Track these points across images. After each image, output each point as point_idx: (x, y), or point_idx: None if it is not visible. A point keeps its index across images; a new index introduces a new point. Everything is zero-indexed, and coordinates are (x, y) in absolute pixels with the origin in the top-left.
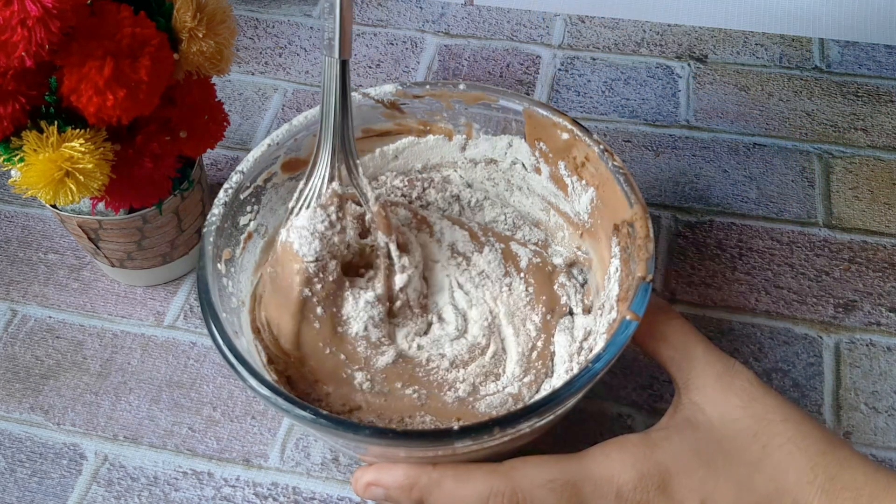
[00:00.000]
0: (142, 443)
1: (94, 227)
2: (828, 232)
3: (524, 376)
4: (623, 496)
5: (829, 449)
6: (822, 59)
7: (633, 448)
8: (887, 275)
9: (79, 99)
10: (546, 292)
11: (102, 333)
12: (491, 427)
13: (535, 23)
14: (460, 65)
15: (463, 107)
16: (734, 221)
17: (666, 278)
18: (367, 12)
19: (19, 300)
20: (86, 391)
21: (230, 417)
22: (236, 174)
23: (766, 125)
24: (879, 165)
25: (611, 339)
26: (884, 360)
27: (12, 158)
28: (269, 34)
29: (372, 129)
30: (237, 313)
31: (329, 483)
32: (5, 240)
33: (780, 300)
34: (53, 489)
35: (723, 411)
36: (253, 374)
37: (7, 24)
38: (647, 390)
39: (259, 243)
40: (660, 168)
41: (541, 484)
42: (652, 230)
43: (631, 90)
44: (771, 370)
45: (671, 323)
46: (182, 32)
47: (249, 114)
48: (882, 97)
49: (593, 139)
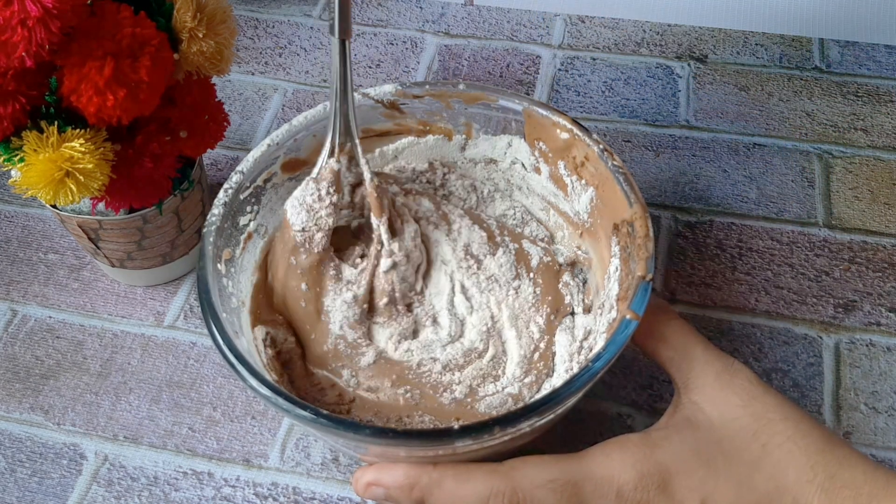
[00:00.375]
0: (142, 443)
1: (94, 227)
2: (828, 232)
3: (525, 377)
4: (623, 496)
5: (829, 447)
6: (822, 59)
7: (633, 448)
8: (887, 275)
9: (79, 99)
10: (552, 292)
11: (102, 333)
12: (491, 426)
13: (535, 23)
14: (460, 65)
15: (462, 107)
16: (734, 221)
17: (666, 278)
18: (367, 12)
19: (19, 300)
20: (86, 391)
21: (230, 417)
22: (236, 174)
23: (766, 125)
24: (879, 165)
25: (611, 339)
26: (884, 360)
27: (12, 158)
28: (269, 34)
29: (371, 129)
30: (237, 313)
31: (329, 483)
32: (5, 240)
33: (780, 300)
34: (53, 489)
35: (722, 410)
36: (253, 374)
37: (7, 24)
38: (647, 390)
39: (259, 243)
40: (660, 168)
41: (541, 484)
42: (652, 229)
43: (631, 90)
44: (771, 370)
45: (670, 323)
46: (182, 32)
47: (249, 114)
48: (882, 97)
49: (593, 139)
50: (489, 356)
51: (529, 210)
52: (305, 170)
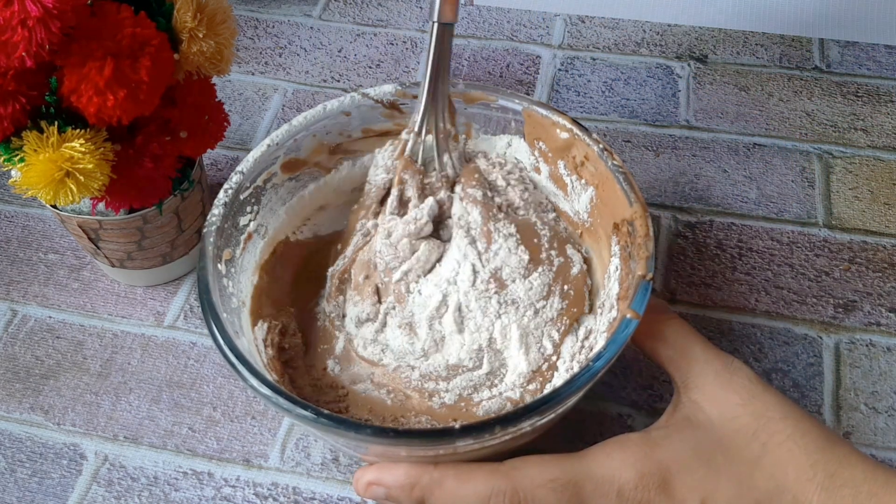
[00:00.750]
0: (142, 443)
1: (95, 228)
2: (828, 232)
3: (528, 384)
4: (624, 495)
5: (829, 446)
6: (822, 59)
7: (633, 447)
8: (887, 275)
9: (79, 99)
10: (578, 303)
11: (102, 333)
12: (492, 426)
13: (535, 23)
14: (460, 65)
15: (462, 106)
16: (734, 221)
17: (666, 278)
18: (367, 12)
19: (19, 300)
20: (86, 391)
21: (230, 417)
22: (236, 174)
23: (766, 125)
24: (879, 165)
25: (611, 338)
26: (884, 361)
27: (12, 158)
28: (269, 34)
29: (371, 130)
30: (237, 313)
31: (329, 483)
32: (5, 240)
33: (780, 300)
34: (53, 489)
35: (722, 409)
36: (254, 374)
37: (7, 25)
38: (647, 390)
39: (259, 243)
40: (660, 168)
41: (542, 483)
42: (652, 229)
43: (631, 90)
44: (771, 370)
45: (669, 322)
46: (182, 32)
47: (249, 114)
48: (882, 97)
49: (593, 138)
50: (483, 371)
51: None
52: (305, 170)
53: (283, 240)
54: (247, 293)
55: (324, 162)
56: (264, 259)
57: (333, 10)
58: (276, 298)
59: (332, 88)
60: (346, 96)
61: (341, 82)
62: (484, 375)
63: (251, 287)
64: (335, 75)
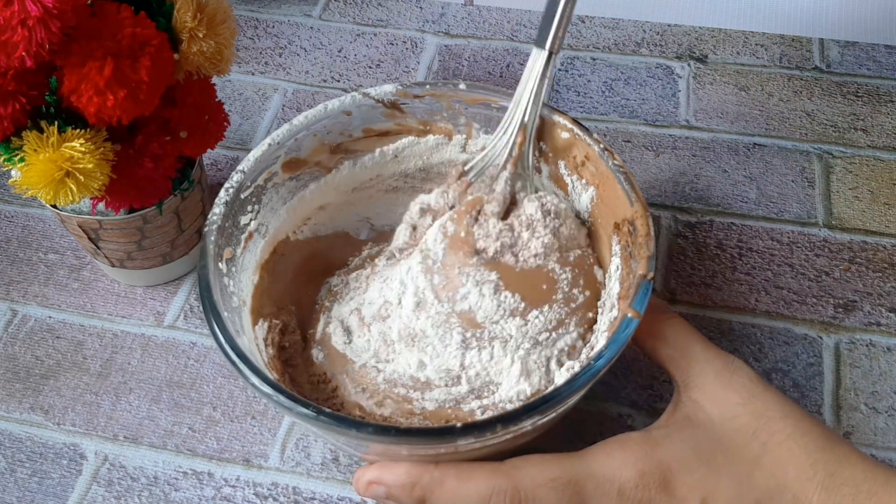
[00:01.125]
0: (142, 443)
1: (94, 227)
2: (828, 232)
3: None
4: (625, 494)
5: (829, 445)
6: (822, 59)
7: (634, 446)
8: (887, 275)
9: (79, 99)
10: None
11: (102, 333)
12: (494, 424)
13: (535, 23)
14: (460, 65)
15: (463, 106)
16: (734, 221)
17: (666, 278)
18: (367, 12)
19: (19, 300)
20: (86, 391)
21: (230, 417)
22: (237, 174)
23: (766, 125)
24: (879, 165)
25: (612, 337)
26: (884, 361)
27: (12, 158)
28: (269, 34)
29: (372, 129)
30: (238, 312)
31: (329, 483)
32: (5, 240)
33: (780, 300)
34: (53, 489)
35: (722, 408)
36: (255, 373)
37: (7, 25)
38: (647, 390)
39: (260, 243)
40: (660, 168)
41: (542, 483)
42: (653, 228)
43: (631, 90)
44: (771, 370)
45: (670, 322)
46: (182, 32)
47: (249, 114)
48: (882, 97)
49: (593, 138)
50: (463, 389)
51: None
52: (306, 169)
53: (284, 239)
54: (247, 292)
55: (325, 161)
56: (265, 258)
57: (333, 10)
58: (276, 297)
59: (332, 88)
60: (347, 96)
61: (341, 82)
62: (465, 392)
63: (252, 286)
64: (335, 75)
